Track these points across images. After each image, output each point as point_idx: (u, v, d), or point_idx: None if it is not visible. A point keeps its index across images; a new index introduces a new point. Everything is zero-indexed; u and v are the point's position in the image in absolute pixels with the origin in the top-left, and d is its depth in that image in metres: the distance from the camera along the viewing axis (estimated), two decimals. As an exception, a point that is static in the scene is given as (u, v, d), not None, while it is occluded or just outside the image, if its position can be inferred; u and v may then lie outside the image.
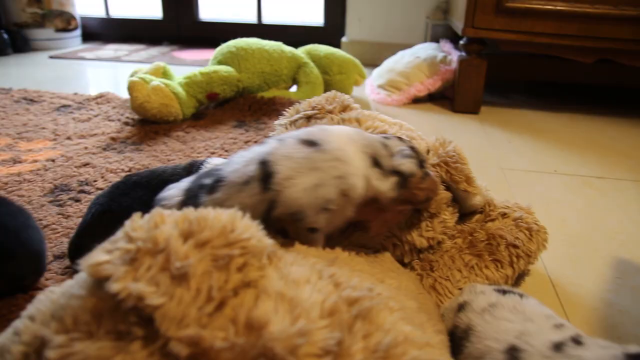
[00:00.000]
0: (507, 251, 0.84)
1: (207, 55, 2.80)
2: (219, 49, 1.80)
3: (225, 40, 1.86)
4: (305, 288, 0.47)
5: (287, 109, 0.96)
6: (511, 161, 1.45)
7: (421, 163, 0.71)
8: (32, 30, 2.96)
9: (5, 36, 2.80)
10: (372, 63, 2.48)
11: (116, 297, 0.41)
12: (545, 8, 1.64)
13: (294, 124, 0.88)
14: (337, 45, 2.14)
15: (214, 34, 3.08)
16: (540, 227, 0.89)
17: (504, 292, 0.64)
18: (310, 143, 0.64)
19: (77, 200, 1.09)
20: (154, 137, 1.46)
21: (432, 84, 1.95)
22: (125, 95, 1.89)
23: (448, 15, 2.37)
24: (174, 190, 0.70)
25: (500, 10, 1.69)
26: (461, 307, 0.63)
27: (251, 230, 0.47)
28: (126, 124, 1.58)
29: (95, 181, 1.17)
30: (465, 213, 0.90)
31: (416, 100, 2.01)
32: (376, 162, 0.67)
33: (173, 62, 2.64)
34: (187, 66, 2.59)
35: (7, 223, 0.77)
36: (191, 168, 0.91)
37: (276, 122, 0.93)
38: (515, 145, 1.59)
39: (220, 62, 1.74)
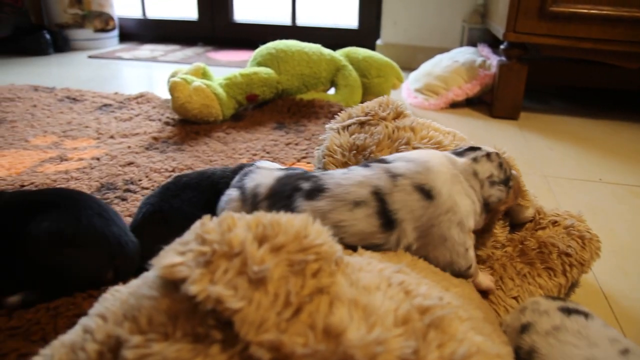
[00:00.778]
0: (559, 259, 0.82)
1: (242, 56, 2.82)
2: (258, 50, 1.81)
3: (259, 42, 1.87)
4: (377, 295, 0.47)
5: (338, 113, 0.96)
6: (554, 168, 1.42)
7: (507, 180, 0.72)
8: (72, 30, 3.02)
9: (48, 36, 2.87)
10: (407, 66, 2.47)
11: (193, 299, 0.42)
12: (591, 12, 1.61)
13: (346, 129, 0.87)
14: (371, 48, 2.13)
15: (249, 35, 3.10)
16: (593, 235, 0.87)
17: (569, 311, 0.62)
18: (426, 193, 0.65)
19: (124, 199, 1.10)
20: (195, 137, 1.48)
21: (471, 88, 1.93)
22: (164, 95, 1.91)
23: (486, 19, 2.34)
24: (266, 172, 0.72)
25: (543, 14, 1.67)
26: (524, 328, 0.62)
27: (323, 235, 0.47)
28: (167, 123, 1.60)
29: (140, 180, 1.19)
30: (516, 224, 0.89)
31: (454, 105, 1.99)
32: (472, 200, 0.69)
33: (208, 62, 2.66)
34: (222, 67, 2.61)
35: (123, 225, 0.83)
36: (240, 171, 0.91)
37: (327, 125, 0.93)
38: (557, 152, 1.56)
39: (259, 64, 1.75)
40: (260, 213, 0.49)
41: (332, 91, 1.88)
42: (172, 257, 0.46)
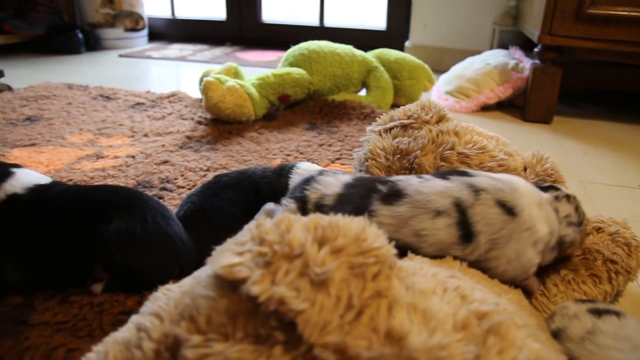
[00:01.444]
0: (604, 267, 0.81)
1: (270, 56, 2.83)
2: (290, 51, 1.81)
3: (289, 42, 1.88)
4: (433, 299, 0.47)
5: (370, 114, 0.96)
6: (590, 174, 1.40)
7: (580, 224, 0.73)
8: (103, 29, 3.07)
9: (80, 35, 2.92)
10: (435, 68, 2.44)
11: (254, 300, 0.42)
12: (632, 15, 1.58)
13: (389, 131, 0.87)
14: (399, 49, 2.11)
15: (276, 36, 3.12)
16: (639, 242, 0.85)
17: (599, 312, 0.61)
18: (507, 209, 0.65)
19: (160, 198, 1.11)
20: (228, 137, 1.48)
21: (503, 91, 1.91)
22: (195, 94, 1.93)
23: (519, 21, 2.31)
24: (331, 179, 0.71)
25: (580, 17, 1.64)
26: (555, 335, 0.60)
27: (380, 238, 0.47)
28: (200, 123, 1.61)
29: (175, 179, 1.20)
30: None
31: (485, 108, 1.97)
32: (551, 231, 0.68)
33: (236, 62, 2.66)
34: (251, 67, 2.63)
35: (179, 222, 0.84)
36: (281, 171, 0.91)
37: (368, 127, 0.92)
38: (593, 157, 1.53)
39: (291, 64, 1.75)
40: (317, 215, 0.49)
41: (362, 92, 1.87)
42: (230, 257, 0.46)
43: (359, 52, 1.81)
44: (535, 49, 1.81)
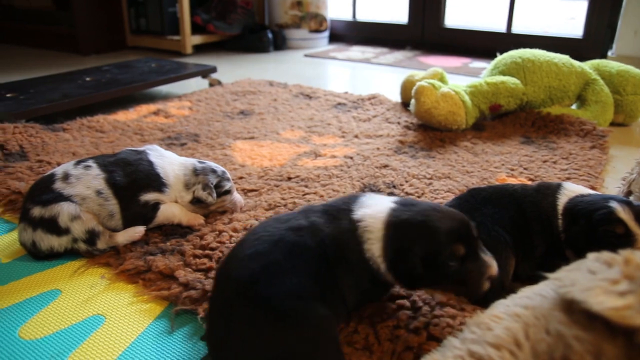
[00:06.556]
0: None
1: (454, 62, 2.76)
2: (500, 58, 1.73)
3: (471, 48, 1.78)
4: None
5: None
6: None
7: None
8: (290, 30, 3.23)
9: (270, 35, 3.10)
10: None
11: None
12: None
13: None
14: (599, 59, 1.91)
15: (459, 42, 3.03)
16: None
17: None
18: None
19: (390, 202, 1.11)
20: (440, 144, 1.45)
21: None
22: (393, 97, 1.93)
23: None
24: None
25: None
26: None
27: None
28: (407, 127, 1.60)
29: (401, 185, 1.19)
30: None
31: None
32: None
33: (420, 67, 2.65)
34: (436, 72, 2.58)
35: None
36: (546, 191, 0.86)
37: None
38: None
39: (502, 73, 1.67)
40: None
41: (573, 106, 1.74)
42: (611, 298, 0.42)
43: (577, 63, 1.68)
44: None
